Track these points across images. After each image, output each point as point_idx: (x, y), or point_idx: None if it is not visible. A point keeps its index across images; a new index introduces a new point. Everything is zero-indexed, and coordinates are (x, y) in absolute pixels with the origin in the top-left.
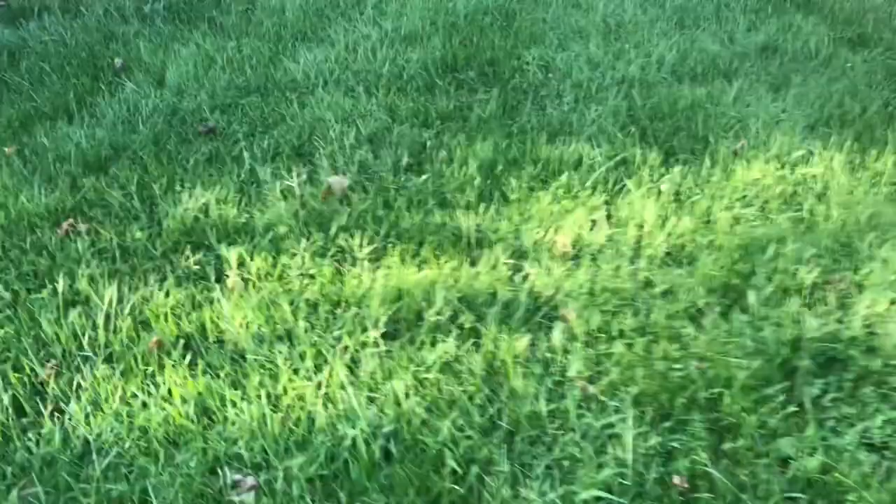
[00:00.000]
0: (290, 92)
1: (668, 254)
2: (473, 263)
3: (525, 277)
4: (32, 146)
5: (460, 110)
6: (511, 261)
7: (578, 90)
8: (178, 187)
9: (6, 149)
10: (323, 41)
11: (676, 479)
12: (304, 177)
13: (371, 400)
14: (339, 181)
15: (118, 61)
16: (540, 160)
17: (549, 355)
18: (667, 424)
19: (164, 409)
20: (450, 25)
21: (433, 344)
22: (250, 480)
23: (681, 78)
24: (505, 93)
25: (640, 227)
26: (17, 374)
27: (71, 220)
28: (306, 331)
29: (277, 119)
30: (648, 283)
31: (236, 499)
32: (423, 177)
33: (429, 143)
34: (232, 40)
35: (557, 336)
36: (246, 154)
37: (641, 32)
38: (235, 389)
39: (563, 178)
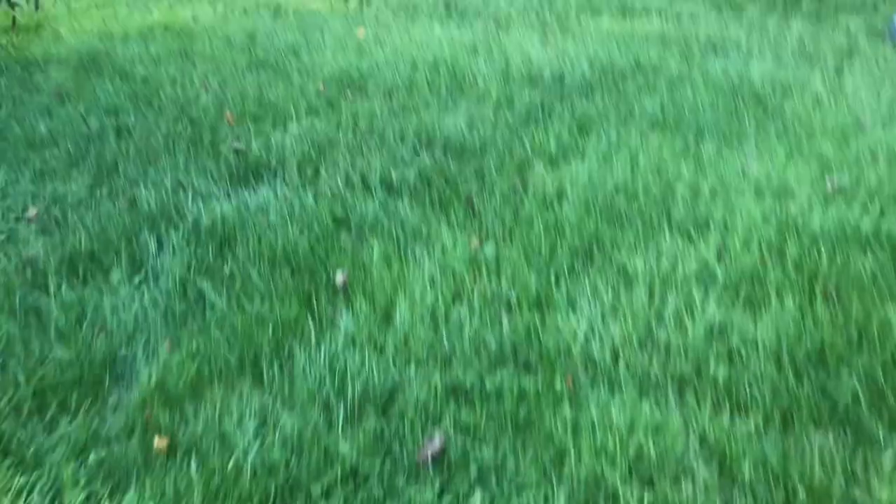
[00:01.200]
0: (559, 375)
1: None
2: None
3: None
4: (191, 439)
5: (845, 477)
6: None
7: None
8: None
9: (157, 439)
10: (613, 267)
11: None
12: None
13: None
14: None
15: (340, 277)
16: None
17: None
18: None
19: None
20: (808, 266)
21: None
22: None
23: None
24: None
25: None
26: None
27: None
28: None
29: (538, 442)
30: None
31: None
32: None
33: None
34: (489, 242)
35: None
36: None
37: None
38: None
39: None
